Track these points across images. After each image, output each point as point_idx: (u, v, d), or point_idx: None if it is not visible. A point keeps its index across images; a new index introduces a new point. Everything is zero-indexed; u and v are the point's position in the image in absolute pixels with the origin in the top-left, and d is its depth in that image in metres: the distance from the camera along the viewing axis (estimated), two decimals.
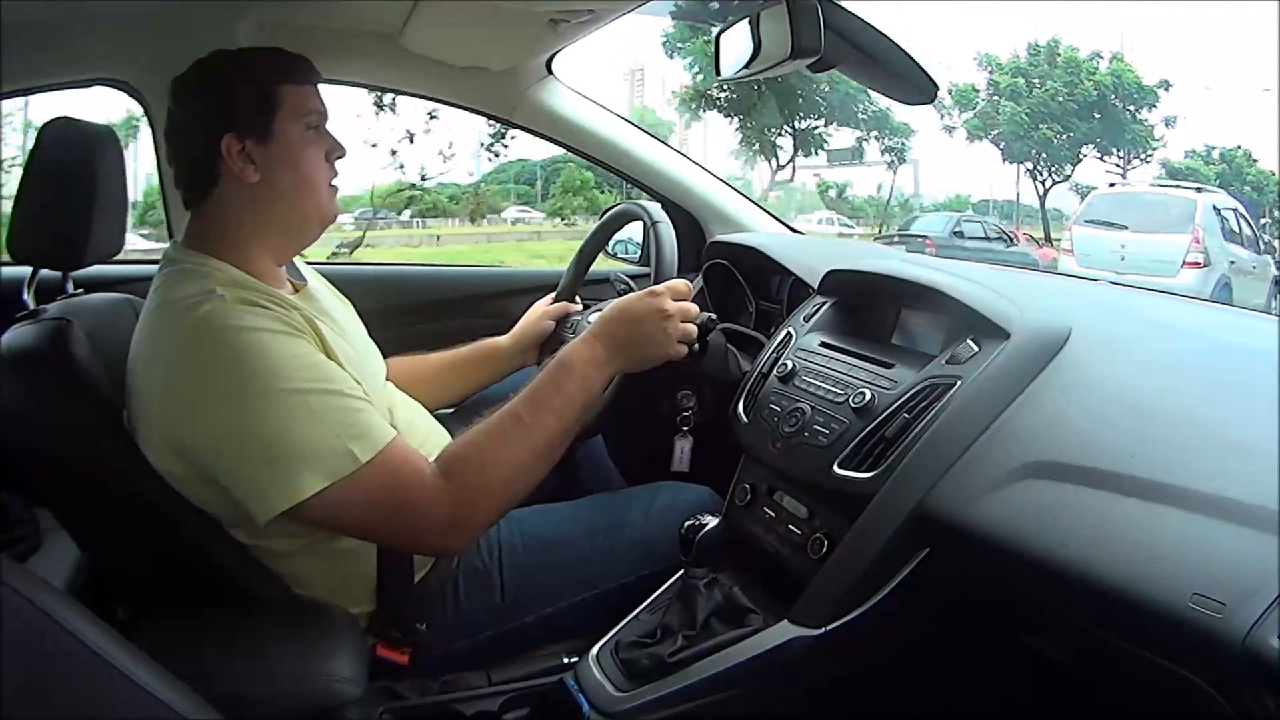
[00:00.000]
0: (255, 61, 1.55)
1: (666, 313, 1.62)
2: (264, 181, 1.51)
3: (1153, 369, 1.39)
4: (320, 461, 1.34)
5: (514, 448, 1.50)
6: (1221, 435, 1.18)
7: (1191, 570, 1.01)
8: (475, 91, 2.63)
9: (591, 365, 1.59)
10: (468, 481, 1.46)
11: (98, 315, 1.56)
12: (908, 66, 1.61)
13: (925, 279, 1.64)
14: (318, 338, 1.45)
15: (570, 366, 1.58)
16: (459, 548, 1.56)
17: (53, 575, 1.84)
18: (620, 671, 1.49)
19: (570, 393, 1.56)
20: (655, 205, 1.91)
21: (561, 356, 1.60)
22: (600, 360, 1.60)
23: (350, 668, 1.35)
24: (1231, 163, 29.10)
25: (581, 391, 1.57)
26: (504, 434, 1.51)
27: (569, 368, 1.58)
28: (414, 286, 2.82)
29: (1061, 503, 1.19)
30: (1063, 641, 1.25)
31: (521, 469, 1.50)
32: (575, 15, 2.03)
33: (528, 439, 1.51)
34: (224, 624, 1.41)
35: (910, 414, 1.41)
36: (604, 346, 1.61)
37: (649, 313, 1.62)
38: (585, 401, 1.58)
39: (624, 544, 1.73)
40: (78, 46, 2.08)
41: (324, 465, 1.34)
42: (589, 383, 1.58)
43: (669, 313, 1.63)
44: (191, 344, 1.37)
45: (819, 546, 1.47)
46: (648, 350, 1.63)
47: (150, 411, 1.40)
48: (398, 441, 1.43)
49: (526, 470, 1.51)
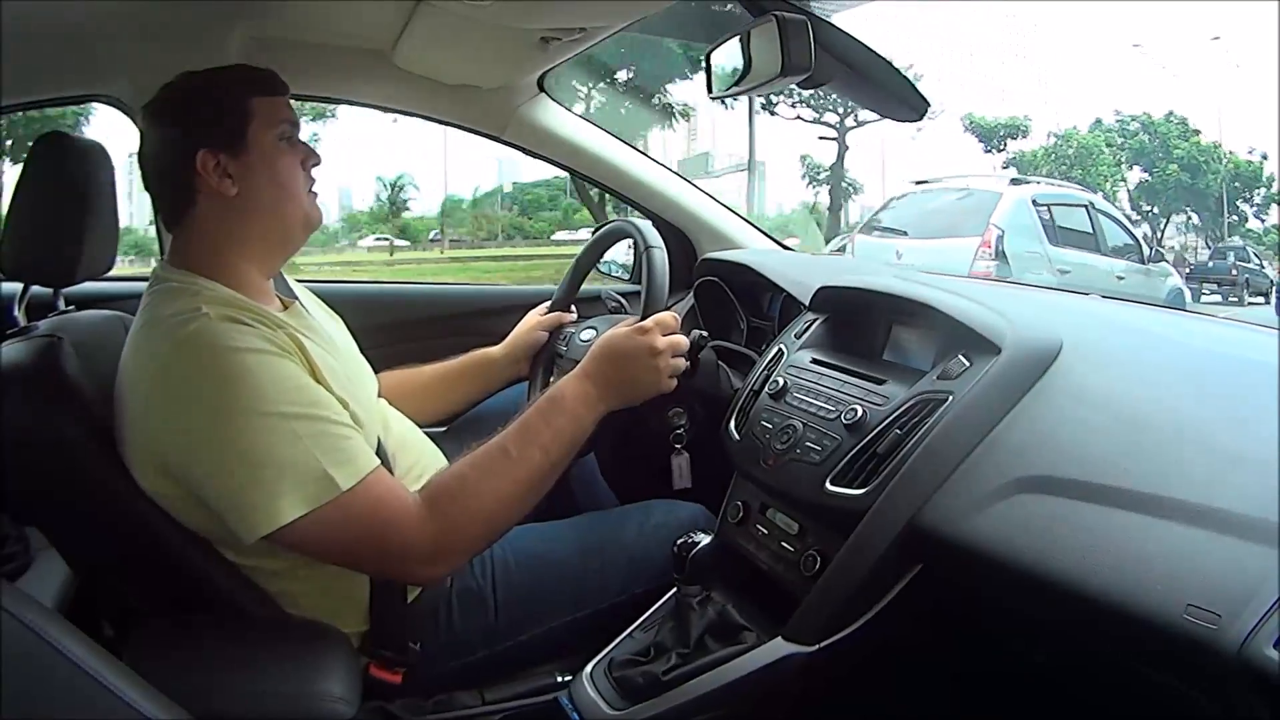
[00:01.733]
0: (223, 77, 1.55)
1: (657, 349, 1.64)
2: (242, 194, 1.51)
3: (1144, 381, 1.39)
4: (301, 487, 1.34)
5: (500, 481, 1.51)
6: (1214, 446, 1.18)
7: (1186, 582, 1.01)
8: (466, 109, 2.63)
9: (582, 403, 1.60)
10: (451, 513, 1.46)
11: (88, 332, 1.56)
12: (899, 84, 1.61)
13: (916, 295, 1.64)
14: (305, 358, 1.44)
15: (561, 403, 1.60)
16: (439, 578, 1.56)
17: (43, 594, 1.84)
18: (614, 690, 1.49)
19: (559, 428, 1.57)
20: (650, 228, 1.91)
21: (553, 392, 1.62)
22: (591, 399, 1.61)
23: (343, 687, 1.35)
24: (1156, 133, 27.94)
25: (571, 428, 1.58)
26: (491, 467, 1.52)
27: (559, 404, 1.59)
28: (405, 304, 2.82)
29: (1054, 517, 1.19)
30: (1057, 655, 1.25)
31: (506, 502, 1.51)
32: (566, 34, 2.04)
33: (514, 473, 1.52)
34: (215, 642, 1.41)
35: (902, 430, 1.41)
36: (595, 385, 1.62)
37: (639, 351, 1.64)
38: (575, 438, 1.59)
39: (617, 562, 1.73)
40: (71, 63, 2.08)
41: (305, 491, 1.34)
42: (579, 420, 1.60)
43: (659, 349, 1.65)
44: (177, 363, 1.37)
45: (812, 563, 1.46)
46: (638, 388, 1.66)
47: (136, 430, 1.40)
48: (381, 471, 1.43)
49: (511, 504, 1.52)
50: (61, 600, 1.88)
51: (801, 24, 1.48)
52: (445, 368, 2.14)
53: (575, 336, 2.07)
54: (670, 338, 1.67)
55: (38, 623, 0.99)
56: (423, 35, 2.12)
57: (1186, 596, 0.98)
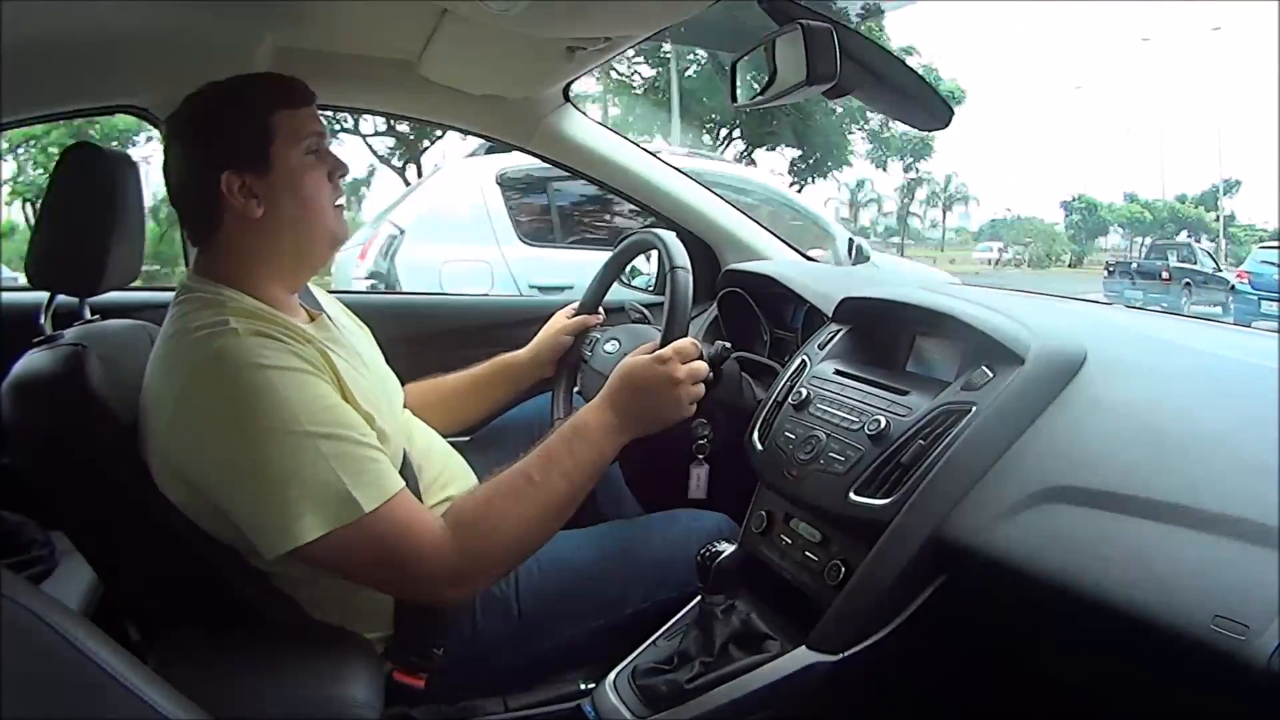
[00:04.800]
0: (246, 91, 1.55)
1: (677, 379, 1.64)
2: (268, 214, 1.51)
3: (1169, 391, 1.38)
4: (323, 507, 1.34)
5: (522, 506, 1.51)
6: (1239, 456, 1.17)
7: (1212, 593, 1.00)
8: (492, 119, 2.64)
9: (603, 432, 1.61)
10: (473, 538, 1.47)
11: (114, 341, 1.57)
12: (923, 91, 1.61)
13: (939, 305, 1.64)
14: (333, 373, 1.45)
15: (584, 431, 1.60)
16: (459, 601, 1.56)
17: (68, 598, 1.84)
18: (637, 698, 1.49)
19: (582, 456, 1.57)
20: (677, 244, 1.90)
21: (576, 420, 1.62)
22: (613, 427, 1.61)
23: (366, 692, 1.35)
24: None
25: (593, 455, 1.59)
26: (514, 492, 1.52)
27: (583, 432, 1.60)
28: (431, 314, 2.83)
29: (1079, 527, 1.18)
30: (1081, 666, 1.24)
31: (529, 528, 1.52)
32: (592, 43, 2.04)
33: (537, 498, 1.52)
34: (239, 647, 1.41)
35: (926, 440, 1.41)
36: (617, 415, 1.62)
37: (661, 381, 1.64)
38: (597, 465, 1.59)
39: (641, 570, 1.73)
40: (98, 73, 2.09)
41: (327, 511, 1.34)
42: (601, 448, 1.60)
43: (679, 379, 1.65)
44: (204, 378, 1.37)
45: (836, 573, 1.46)
46: (660, 417, 1.66)
47: (161, 442, 1.41)
48: (405, 494, 1.43)
49: (534, 529, 1.53)
50: (87, 604, 1.88)
51: (827, 32, 1.48)
52: (472, 374, 2.15)
53: (600, 345, 2.08)
54: (690, 365, 1.67)
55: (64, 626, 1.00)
56: (448, 46, 2.13)
57: (1214, 608, 0.98)
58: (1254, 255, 18.51)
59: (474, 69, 2.34)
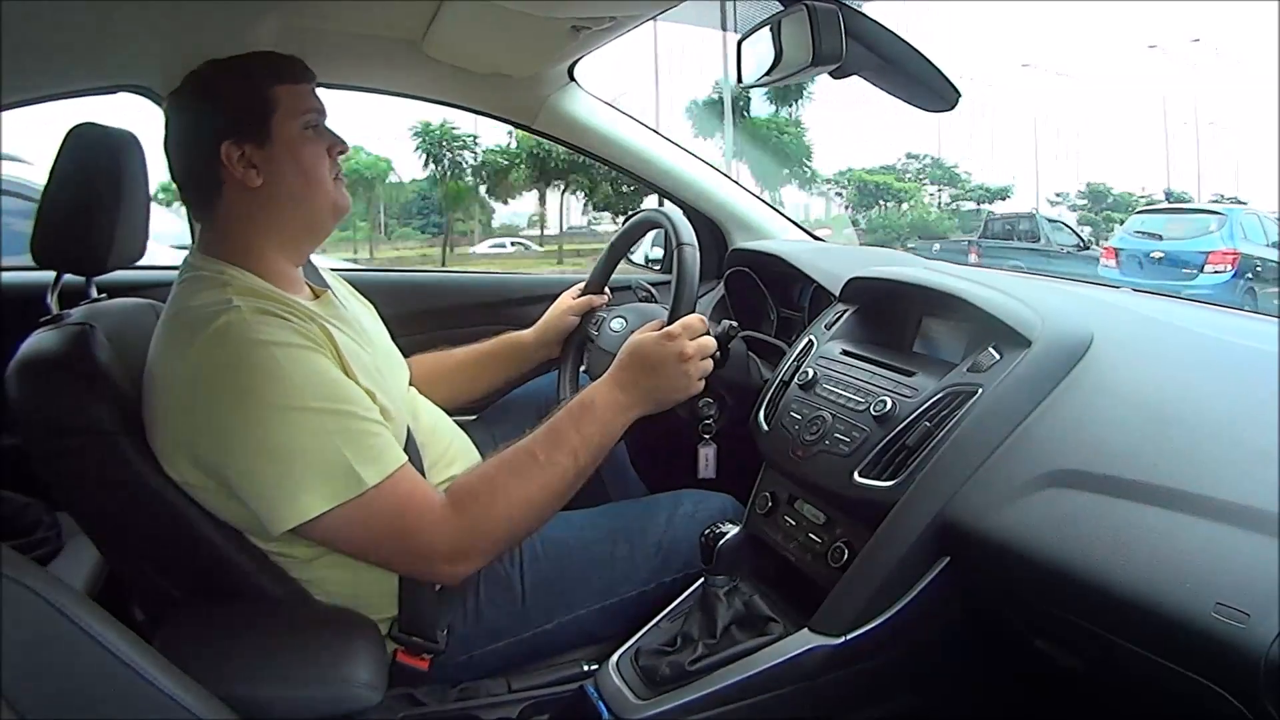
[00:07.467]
0: (247, 65, 1.55)
1: (686, 355, 1.65)
2: (267, 184, 1.52)
3: (1175, 376, 1.38)
4: (327, 482, 1.35)
5: (526, 484, 1.52)
6: (1244, 442, 1.17)
7: (1214, 579, 1.00)
8: (496, 98, 2.64)
9: (611, 410, 1.61)
10: (476, 514, 1.47)
11: (120, 320, 1.57)
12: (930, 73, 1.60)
13: (947, 286, 1.63)
14: (335, 350, 1.45)
15: (591, 409, 1.60)
16: (461, 578, 1.55)
17: (74, 578, 1.85)
18: (640, 679, 1.49)
19: (589, 434, 1.58)
20: (684, 222, 1.89)
21: (583, 398, 1.63)
22: (621, 405, 1.62)
23: (370, 673, 1.36)
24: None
25: (600, 434, 1.59)
26: (518, 469, 1.53)
27: (590, 410, 1.60)
28: (437, 291, 2.82)
29: (1083, 511, 1.18)
30: (1082, 650, 1.24)
31: (531, 506, 1.52)
32: (597, 22, 2.03)
33: (541, 476, 1.53)
34: (243, 628, 1.42)
35: (931, 422, 1.40)
36: (625, 392, 1.63)
37: (669, 358, 1.65)
38: (603, 444, 1.60)
39: (645, 551, 1.73)
40: (101, 53, 2.09)
41: (331, 486, 1.35)
42: (608, 426, 1.61)
43: (688, 355, 1.65)
44: (207, 356, 1.37)
45: (839, 555, 1.46)
46: (668, 394, 1.67)
47: (164, 421, 1.41)
48: (408, 468, 1.44)
49: (537, 507, 1.53)
50: (92, 585, 1.89)
51: (833, 13, 1.47)
52: (477, 350, 2.16)
53: (606, 324, 2.07)
54: (698, 341, 1.67)
55: (69, 606, 1.00)
56: (453, 24, 2.12)
57: (1215, 594, 0.97)
58: (1130, 223, 14.85)
59: (478, 48, 2.32)
